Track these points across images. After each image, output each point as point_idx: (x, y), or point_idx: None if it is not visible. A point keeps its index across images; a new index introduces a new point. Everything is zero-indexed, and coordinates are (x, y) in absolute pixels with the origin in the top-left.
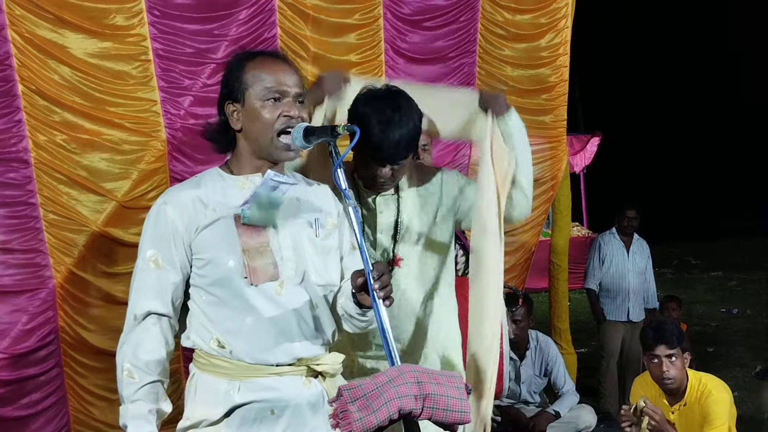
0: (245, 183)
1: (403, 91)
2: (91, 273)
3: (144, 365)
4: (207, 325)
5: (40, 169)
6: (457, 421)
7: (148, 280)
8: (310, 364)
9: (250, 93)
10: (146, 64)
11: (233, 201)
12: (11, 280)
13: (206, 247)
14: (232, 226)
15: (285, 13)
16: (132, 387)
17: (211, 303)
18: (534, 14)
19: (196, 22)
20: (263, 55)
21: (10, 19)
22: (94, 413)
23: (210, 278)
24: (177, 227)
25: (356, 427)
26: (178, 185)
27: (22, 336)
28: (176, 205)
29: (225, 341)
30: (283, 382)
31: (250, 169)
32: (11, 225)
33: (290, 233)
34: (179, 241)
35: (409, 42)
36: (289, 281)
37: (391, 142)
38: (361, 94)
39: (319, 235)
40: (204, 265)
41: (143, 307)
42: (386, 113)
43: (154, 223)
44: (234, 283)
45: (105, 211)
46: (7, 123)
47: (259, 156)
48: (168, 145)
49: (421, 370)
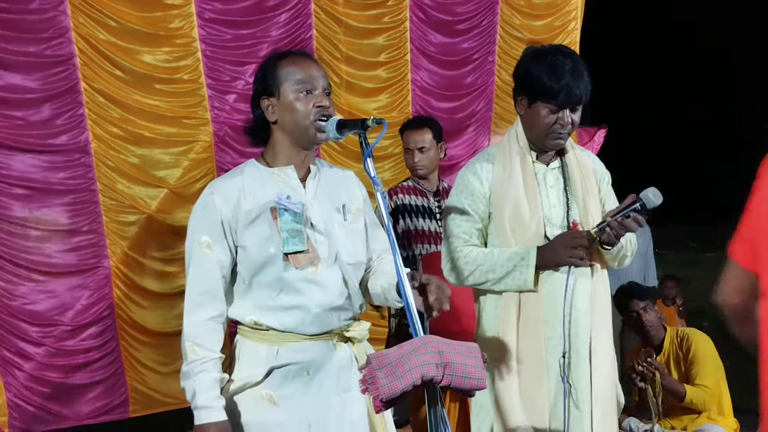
0: (279, 175)
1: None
2: (143, 254)
3: (205, 343)
4: (246, 305)
5: (99, 159)
6: (474, 387)
7: (201, 264)
8: (341, 332)
9: (284, 87)
10: (196, 63)
11: (270, 191)
12: (76, 259)
13: (248, 234)
14: (269, 215)
15: (320, 17)
16: (196, 362)
17: (250, 285)
18: (547, 19)
19: (240, 26)
20: (293, 54)
21: (74, 23)
22: (149, 382)
23: (251, 263)
24: (224, 215)
25: (383, 392)
26: (222, 176)
27: (83, 310)
28: (222, 195)
29: (261, 320)
30: (316, 347)
31: (285, 160)
32: (76, 209)
33: (322, 219)
34: (227, 227)
35: (433, 43)
36: (324, 262)
37: (569, 80)
38: (526, 54)
39: (347, 219)
40: (245, 250)
41: (200, 289)
42: (559, 59)
43: (203, 211)
44: (275, 267)
45: (158, 198)
46: (71, 117)
47: (294, 144)
48: (214, 138)
49: (442, 341)
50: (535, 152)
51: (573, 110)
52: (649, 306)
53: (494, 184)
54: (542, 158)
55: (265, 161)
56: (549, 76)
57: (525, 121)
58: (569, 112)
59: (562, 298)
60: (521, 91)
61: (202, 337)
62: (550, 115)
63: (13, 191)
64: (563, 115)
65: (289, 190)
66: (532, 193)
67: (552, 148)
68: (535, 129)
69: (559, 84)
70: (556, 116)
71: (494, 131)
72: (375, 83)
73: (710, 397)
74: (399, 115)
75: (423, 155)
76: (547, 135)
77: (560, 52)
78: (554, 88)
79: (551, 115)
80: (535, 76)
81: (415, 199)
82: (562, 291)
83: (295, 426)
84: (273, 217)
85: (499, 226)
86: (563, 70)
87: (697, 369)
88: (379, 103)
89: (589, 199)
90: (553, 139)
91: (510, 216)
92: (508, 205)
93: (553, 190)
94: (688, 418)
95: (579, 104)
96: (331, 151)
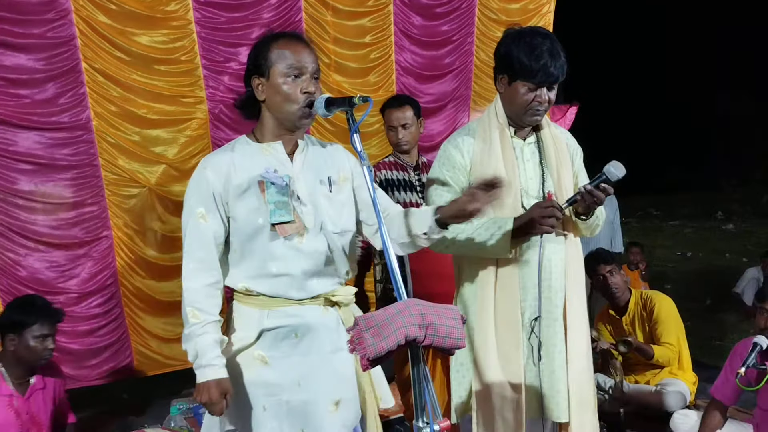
0: (268, 149)
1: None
2: (143, 226)
3: (204, 307)
4: (238, 273)
5: (99, 136)
6: (454, 346)
7: (197, 234)
8: (327, 296)
9: (274, 69)
10: (192, 45)
11: (259, 165)
12: (80, 231)
13: (239, 206)
14: (257, 188)
15: (309, 0)
16: (197, 325)
17: (242, 254)
18: (523, 2)
19: (233, 9)
20: (286, 37)
21: (75, 6)
22: (152, 346)
23: (241, 233)
24: (216, 188)
25: (370, 352)
26: (214, 152)
27: (88, 279)
28: (214, 169)
29: (251, 287)
30: (304, 310)
31: (272, 137)
32: (80, 184)
33: (308, 191)
34: (218, 200)
35: (416, 25)
36: (309, 232)
37: (547, 60)
38: (506, 35)
39: (333, 190)
40: (236, 221)
41: (197, 257)
42: (538, 40)
43: (196, 185)
44: (263, 236)
45: (157, 172)
46: (73, 96)
47: (280, 124)
48: (209, 115)
49: (424, 303)
50: (513, 128)
51: (550, 88)
52: (615, 270)
53: (474, 157)
54: (520, 133)
55: (254, 137)
56: (528, 56)
57: (505, 99)
58: (546, 90)
59: (537, 263)
60: (502, 70)
61: (201, 302)
62: (528, 93)
63: (20, 166)
64: (541, 93)
65: (277, 164)
66: (511, 166)
67: (529, 124)
68: (515, 105)
69: (538, 64)
70: (534, 94)
71: (473, 108)
72: (361, 63)
73: (674, 354)
74: (384, 93)
75: (406, 131)
76: (525, 111)
77: (539, 34)
78: (533, 67)
79: (530, 93)
80: (515, 56)
81: (397, 173)
82: (537, 257)
83: (286, 384)
84: (261, 189)
85: None
86: (542, 50)
87: (661, 329)
88: (365, 82)
89: (562, 171)
90: (531, 116)
91: None
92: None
93: (530, 163)
94: (651, 373)
95: (556, 83)
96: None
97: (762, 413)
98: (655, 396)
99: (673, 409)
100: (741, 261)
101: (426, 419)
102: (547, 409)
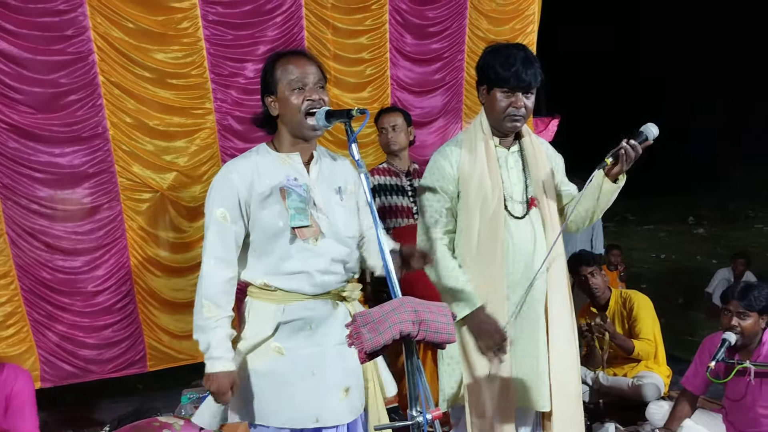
0: (286, 159)
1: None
2: (156, 228)
3: (220, 302)
4: (257, 269)
5: (115, 144)
6: (445, 341)
7: (219, 232)
8: (337, 292)
9: (280, 85)
10: (201, 60)
11: (280, 173)
12: (98, 234)
13: (261, 210)
14: (279, 195)
15: (311, 19)
16: (211, 319)
17: (262, 253)
18: (510, 23)
19: (240, 27)
20: (289, 54)
21: (93, 23)
22: (164, 341)
23: (264, 234)
24: (241, 191)
25: (366, 346)
26: (239, 157)
27: (105, 277)
28: (239, 173)
29: (270, 283)
30: (317, 304)
31: (288, 147)
32: (99, 190)
33: (323, 199)
34: (243, 203)
35: (409, 43)
36: (324, 235)
37: (519, 67)
38: (485, 50)
39: (343, 199)
40: (259, 223)
41: (218, 253)
42: (511, 51)
43: (221, 187)
44: (283, 238)
45: (169, 179)
46: (91, 107)
47: (294, 135)
48: (217, 126)
49: (418, 301)
50: (497, 137)
51: (526, 95)
52: (596, 271)
53: (462, 166)
54: (503, 143)
55: (274, 147)
56: (502, 64)
57: (486, 108)
58: (522, 95)
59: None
60: (481, 81)
61: (218, 297)
62: (504, 99)
63: (40, 176)
64: (516, 99)
65: (296, 173)
66: (494, 173)
67: (509, 131)
68: (494, 113)
69: (510, 71)
70: (510, 100)
71: (465, 121)
72: (359, 78)
73: (652, 348)
74: (380, 106)
75: (395, 133)
76: (503, 118)
77: (514, 46)
78: (506, 74)
79: (506, 99)
80: (491, 65)
81: (389, 179)
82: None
83: (300, 373)
84: (282, 196)
85: (466, 204)
86: (515, 58)
87: (639, 325)
88: (362, 96)
89: (544, 177)
90: (510, 122)
91: (475, 194)
92: (473, 184)
93: (514, 171)
94: (629, 366)
95: (530, 88)
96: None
97: (730, 403)
98: (633, 388)
99: (649, 399)
100: (711, 263)
101: (419, 408)
102: (530, 398)
